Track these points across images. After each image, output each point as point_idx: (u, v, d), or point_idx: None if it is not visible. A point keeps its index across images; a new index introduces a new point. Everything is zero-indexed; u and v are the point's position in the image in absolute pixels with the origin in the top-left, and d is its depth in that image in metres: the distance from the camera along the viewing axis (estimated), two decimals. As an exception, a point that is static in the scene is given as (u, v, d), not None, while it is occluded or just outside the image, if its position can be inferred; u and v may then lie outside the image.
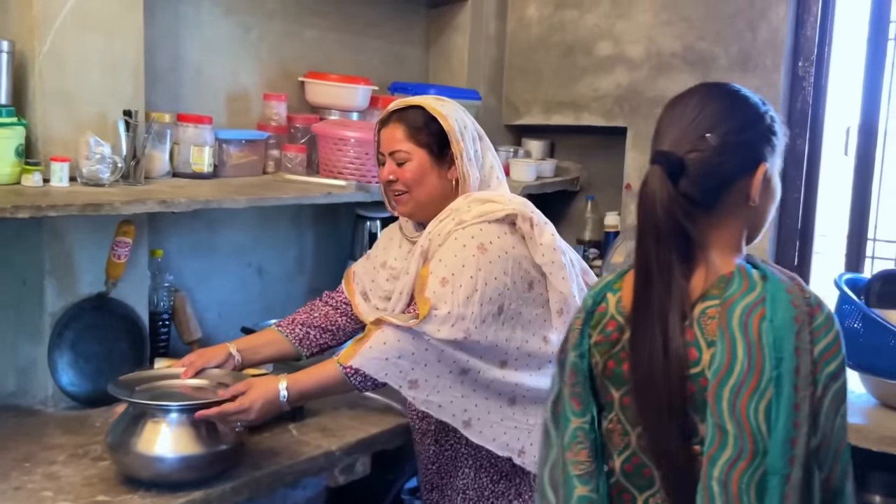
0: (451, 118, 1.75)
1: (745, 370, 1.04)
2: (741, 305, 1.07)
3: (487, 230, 1.66)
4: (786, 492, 1.02)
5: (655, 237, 1.11)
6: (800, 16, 2.68)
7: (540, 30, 3.16)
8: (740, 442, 1.03)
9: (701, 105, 1.17)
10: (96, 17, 1.90)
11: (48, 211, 1.61)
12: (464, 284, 1.60)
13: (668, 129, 1.17)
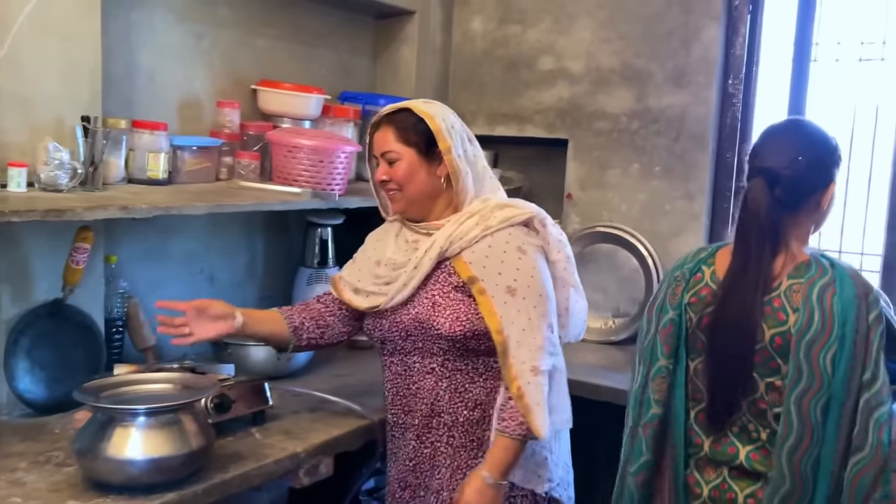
0: (437, 117, 1.82)
1: (819, 329, 1.50)
2: (819, 285, 1.53)
3: (516, 233, 1.77)
4: (843, 413, 1.50)
5: (757, 229, 1.55)
6: (729, 36, 2.86)
7: (484, 44, 3.26)
8: (811, 378, 1.49)
9: (795, 134, 1.61)
10: (54, 23, 1.89)
11: (11, 216, 1.60)
12: (530, 286, 1.73)
13: (767, 152, 1.60)
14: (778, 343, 1.54)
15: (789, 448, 1.51)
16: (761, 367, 1.56)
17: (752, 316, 1.55)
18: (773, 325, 1.54)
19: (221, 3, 2.52)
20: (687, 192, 2.90)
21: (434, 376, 1.79)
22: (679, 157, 2.91)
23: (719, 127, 2.89)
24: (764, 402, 1.57)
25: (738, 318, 1.56)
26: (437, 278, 1.79)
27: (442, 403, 1.79)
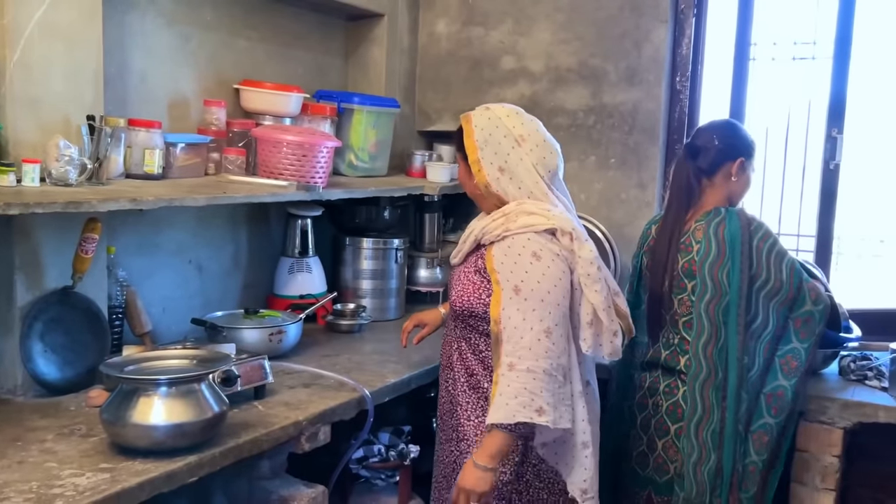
0: (475, 127, 1.97)
1: (716, 254, 2.16)
2: (714, 222, 2.20)
3: (535, 239, 1.89)
4: (739, 311, 2.14)
5: (677, 189, 2.31)
6: (676, 37, 3.10)
7: (449, 45, 3.46)
8: (714, 290, 2.15)
9: (718, 125, 2.39)
10: (61, 28, 2.02)
11: (35, 208, 1.74)
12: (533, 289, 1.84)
13: (696, 136, 2.38)
14: (685, 267, 2.22)
15: (702, 344, 2.15)
16: (675, 288, 2.24)
17: (669, 253, 2.24)
18: (684, 256, 2.22)
19: (207, 7, 2.66)
20: (640, 182, 3.14)
21: (452, 337, 2.10)
22: (632, 149, 3.15)
23: (668, 121, 3.14)
24: (677, 315, 2.25)
25: (658, 257, 2.28)
26: (470, 260, 2.04)
27: (453, 360, 2.08)
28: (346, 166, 3.03)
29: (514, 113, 2.02)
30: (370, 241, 3.11)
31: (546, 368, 1.80)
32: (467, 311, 1.96)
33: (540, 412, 1.78)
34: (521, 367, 1.80)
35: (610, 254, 3.11)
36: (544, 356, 1.81)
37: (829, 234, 2.94)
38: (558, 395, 1.82)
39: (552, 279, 1.85)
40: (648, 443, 2.29)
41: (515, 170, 1.95)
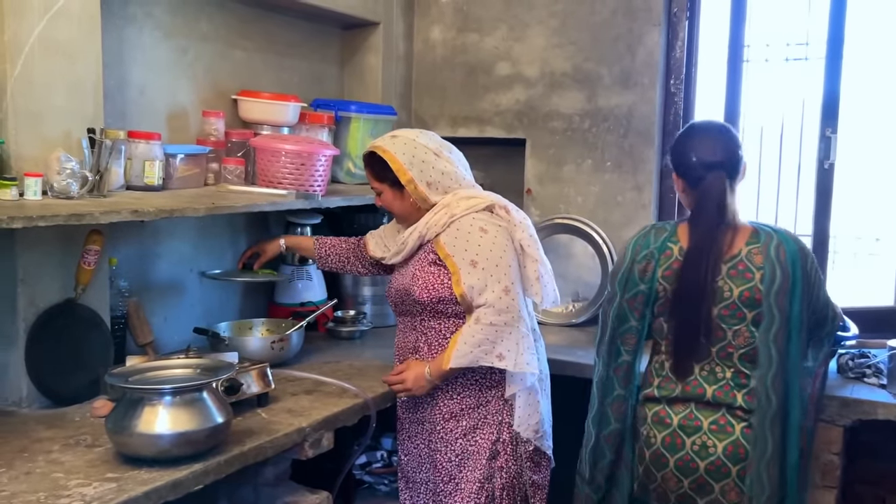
0: (397, 154, 2.17)
1: (782, 279, 1.94)
2: (772, 245, 1.97)
3: (479, 216, 2.14)
4: (801, 340, 1.98)
5: (715, 210, 1.97)
6: (670, 41, 3.13)
7: (444, 51, 3.48)
8: (780, 320, 1.94)
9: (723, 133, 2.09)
10: (60, 43, 2.04)
11: (38, 221, 1.75)
12: (488, 258, 2.08)
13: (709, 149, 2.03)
14: (746, 296, 1.95)
15: (771, 378, 1.94)
16: (729, 319, 1.96)
17: (715, 280, 1.96)
18: (741, 283, 1.95)
19: (203, 18, 2.68)
20: (636, 184, 3.17)
21: (415, 332, 2.21)
22: (628, 152, 3.17)
23: (663, 123, 3.16)
24: (732, 347, 1.98)
25: (701, 283, 1.96)
26: (418, 257, 2.20)
27: (421, 354, 2.19)
28: (343, 174, 3.05)
29: (419, 133, 2.25)
30: (370, 248, 3.12)
31: (507, 321, 2.06)
32: (436, 298, 2.13)
33: (500, 358, 2.06)
34: (485, 321, 2.05)
35: (608, 256, 3.13)
36: (506, 311, 2.06)
37: (826, 233, 2.96)
38: (522, 344, 2.08)
39: (501, 246, 2.11)
40: (698, 487, 1.99)
41: (442, 179, 2.19)
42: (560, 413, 2.38)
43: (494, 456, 2.13)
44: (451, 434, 2.15)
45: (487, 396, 2.14)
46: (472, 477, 2.11)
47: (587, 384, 2.63)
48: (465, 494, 2.12)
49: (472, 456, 2.13)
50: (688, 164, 2.03)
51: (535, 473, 2.17)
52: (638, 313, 2.04)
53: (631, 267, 2.04)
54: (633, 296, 2.03)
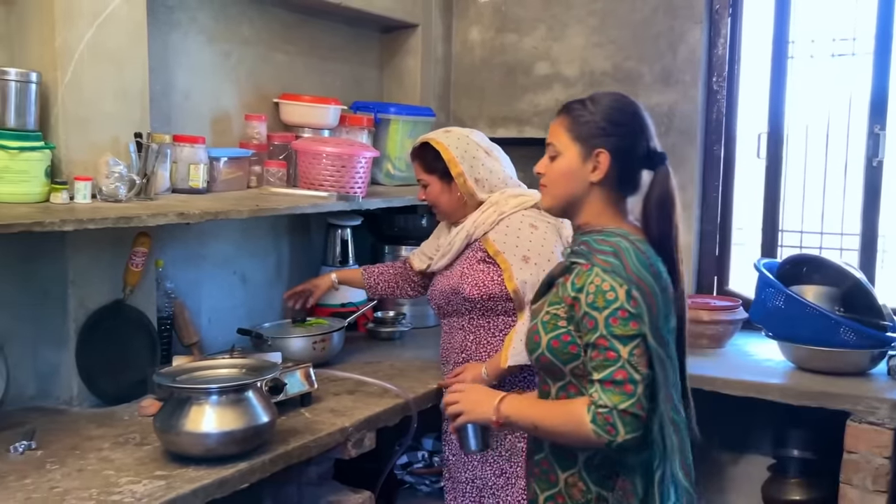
0: (450, 147, 2.21)
1: None
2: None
3: (529, 214, 2.18)
4: None
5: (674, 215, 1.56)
6: (712, 38, 3.09)
7: (483, 52, 3.48)
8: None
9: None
10: (108, 49, 2.09)
11: (88, 224, 1.79)
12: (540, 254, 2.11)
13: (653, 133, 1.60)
14: None
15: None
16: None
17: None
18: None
19: (245, 23, 2.72)
20: (678, 184, 3.05)
21: (464, 332, 2.23)
22: (669, 151, 3.05)
23: (706, 122, 3.12)
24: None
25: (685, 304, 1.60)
26: (466, 255, 2.23)
27: (469, 354, 2.22)
28: (383, 175, 3.07)
29: (471, 132, 2.30)
30: (408, 249, 3.13)
31: None
32: (486, 295, 2.15)
33: None
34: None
35: (649, 256, 3.09)
36: None
37: (874, 233, 2.89)
38: None
39: (552, 242, 2.13)
40: None
41: (490, 177, 2.23)
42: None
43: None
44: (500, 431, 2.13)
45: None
46: (524, 472, 2.08)
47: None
48: (516, 489, 2.12)
49: (523, 451, 2.10)
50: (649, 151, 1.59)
51: None
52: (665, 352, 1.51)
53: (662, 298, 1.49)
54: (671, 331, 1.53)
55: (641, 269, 1.47)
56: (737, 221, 3.17)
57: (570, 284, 1.50)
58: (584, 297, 1.46)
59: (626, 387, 1.42)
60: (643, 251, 1.50)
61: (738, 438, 3.01)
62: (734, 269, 3.18)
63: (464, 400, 1.63)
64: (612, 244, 1.49)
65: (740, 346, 2.86)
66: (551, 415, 1.52)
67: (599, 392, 1.43)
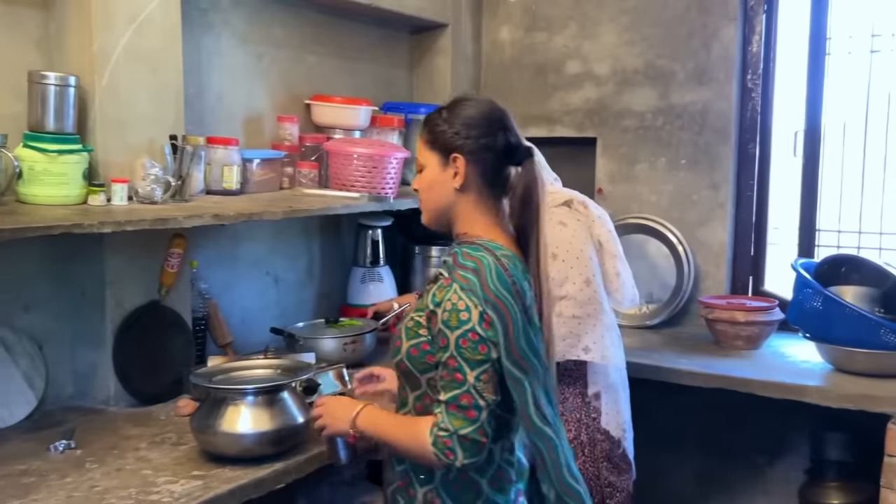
0: None
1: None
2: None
3: (557, 212, 2.14)
4: None
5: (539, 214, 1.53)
6: (746, 35, 3.05)
7: (513, 51, 3.47)
8: None
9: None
10: (144, 53, 2.11)
11: (126, 226, 1.81)
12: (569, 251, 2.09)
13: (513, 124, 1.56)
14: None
15: None
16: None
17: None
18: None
19: (277, 26, 2.73)
20: (712, 182, 3.09)
21: None
22: (703, 149, 3.10)
23: (740, 120, 3.08)
24: None
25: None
26: None
27: None
28: (413, 176, 3.06)
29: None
30: (439, 250, 3.14)
31: (591, 313, 2.07)
32: None
33: (586, 350, 2.05)
34: (568, 314, 2.06)
35: (683, 255, 3.06)
36: (588, 302, 2.07)
37: (914, 232, 2.84)
38: (607, 336, 2.08)
39: (581, 239, 2.13)
40: None
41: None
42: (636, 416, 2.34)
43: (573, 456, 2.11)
44: None
45: (566, 393, 2.13)
46: None
47: (663, 386, 2.59)
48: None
49: None
50: (510, 146, 1.54)
51: (613, 475, 2.14)
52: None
53: (526, 319, 1.46)
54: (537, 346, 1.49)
55: (500, 287, 1.42)
56: (772, 221, 3.13)
57: (432, 296, 1.47)
58: (440, 312, 1.43)
59: (470, 412, 1.39)
60: (506, 267, 1.45)
61: (775, 441, 2.97)
62: (770, 270, 3.14)
63: (325, 413, 1.61)
64: (475, 259, 1.45)
65: (776, 347, 2.82)
66: (399, 432, 1.50)
67: (444, 414, 1.40)
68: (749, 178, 3.10)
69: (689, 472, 3.13)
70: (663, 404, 2.80)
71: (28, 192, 1.93)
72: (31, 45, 2.05)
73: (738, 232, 3.12)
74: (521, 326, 1.43)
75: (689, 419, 3.07)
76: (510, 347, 1.41)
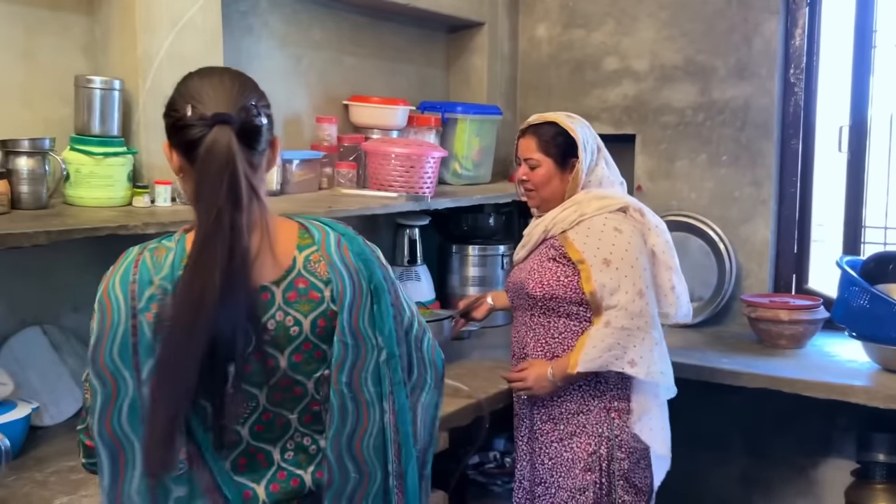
0: (579, 133, 2.10)
1: (355, 291, 1.25)
2: (332, 246, 1.28)
3: (612, 217, 2.06)
4: (403, 365, 1.31)
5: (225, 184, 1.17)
6: (789, 29, 2.99)
7: (550, 48, 3.45)
8: (357, 350, 1.25)
9: (238, 80, 1.33)
10: (186, 56, 2.14)
11: (169, 227, 1.84)
12: (623, 258, 1.99)
13: (207, 97, 1.26)
14: (321, 326, 1.24)
15: (347, 436, 1.25)
16: (305, 365, 1.24)
17: (252, 316, 1.19)
18: (310, 310, 1.24)
19: (316, 27, 2.76)
20: (754, 179, 3.04)
21: (525, 327, 2.16)
22: (745, 145, 3.06)
23: (783, 116, 3.03)
24: (317, 404, 1.27)
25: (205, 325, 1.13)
26: (540, 251, 2.13)
27: (527, 350, 2.15)
28: (450, 175, 3.07)
29: (588, 124, 2.20)
30: (476, 249, 3.14)
31: (641, 326, 1.96)
32: (548, 295, 2.06)
33: (632, 364, 1.95)
34: (616, 325, 1.96)
35: (725, 253, 3.02)
36: (639, 315, 1.96)
37: (965, 228, 2.76)
38: (655, 351, 1.97)
39: (637, 247, 2.02)
40: None
41: (596, 171, 2.13)
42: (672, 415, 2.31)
43: (590, 468, 2.03)
44: (547, 437, 2.09)
45: (590, 405, 2.06)
46: (565, 485, 2.05)
47: (704, 386, 2.56)
48: (555, 501, 2.06)
49: (566, 463, 2.05)
50: (182, 122, 1.27)
51: (629, 494, 2.04)
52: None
53: (133, 324, 1.19)
54: (153, 371, 1.17)
55: (119, 284, 1.21)
56: (816, 217, 3.07)
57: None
58: None
59: (83, 413, 1.29)
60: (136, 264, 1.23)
61: (821, 442, 2.92)
62: (814, 267, 3.08)
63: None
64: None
65: (821, 346, 2.77)
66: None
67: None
68: (792, 174, 3.04)
69: (732, 474, 3.09)
70: (704, 404, 2.76)
71: (75, 194, 1.97)
72: (78, 51, 2.10)
73: (782, 229, 3.07)
74: (121, 333, 1.21)
75: (732, 420, 3.03)
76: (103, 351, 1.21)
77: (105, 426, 1.19)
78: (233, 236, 1.16)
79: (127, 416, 1.19)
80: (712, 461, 3.07)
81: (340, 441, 1.25)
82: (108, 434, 1.19)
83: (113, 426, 1.19)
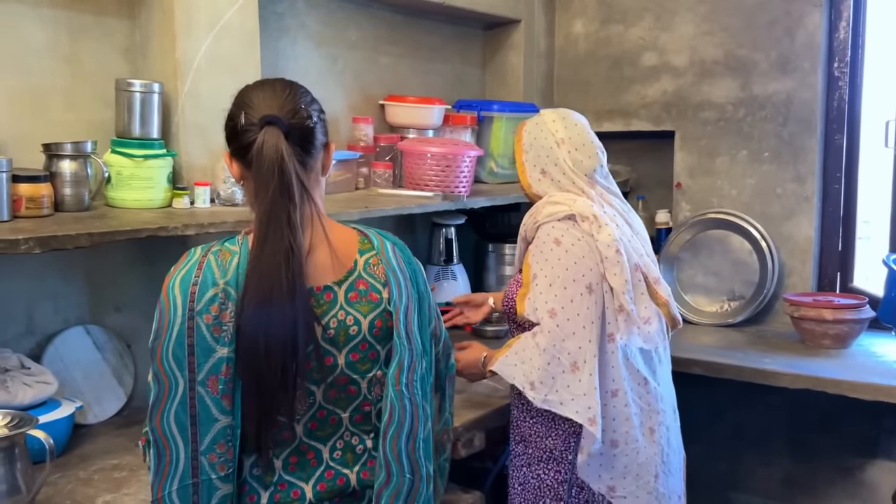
0: (525, 132, 2.06)
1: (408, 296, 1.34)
2: (388, 250, 1.38)
3: (557, 226, 1.91)
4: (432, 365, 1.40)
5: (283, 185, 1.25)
6: (833, 21, 2.92)
7: (587, 45, 3.42)
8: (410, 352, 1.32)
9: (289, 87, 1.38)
10: (224, 59, 2.16)
11: (209, 228, 1.86)
12: (547, 275, 1.88)
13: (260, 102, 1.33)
14: (378, 326, 1.32)
15: (406, 436, 1.30)
16: (360, 364, 1.31)
17: (306, 315, 1.25)
18: (370, 310, 1.31)
19: (352, 28, 2.77)
20: (797, 175, 2.98)
21: (509, 337, 2.06)
22: (787, 141, 2.99)
23: (826, 110, 2.96)
24: (368, 404, 1.33)
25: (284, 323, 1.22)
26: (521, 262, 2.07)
27: None
28: (486, 173, 3.06)
29: (559, 117, 2.05)
30: (512, 247, 3.12)
31: (546, 348, 1.82)
32: (510, 309, 2.02)
33: (532, 386, 1.82)
34: (540, 340, 1.83)
35: (766, 251, 2.97)
36: (547, 335, 1.82)
37: None
38: (559, 380, 1.81)
39: (566, 262, 1.86)
40: None
41: (554, 171, 2.00)
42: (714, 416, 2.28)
43: (559, 498, 1.92)
44: (518, 459, 2.00)
45: (558, 429, 1.92)
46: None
47: (746, 387, 2.52)
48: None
49: (534, 490, 1.95)
50: (236, 129, 1.34)
51: None
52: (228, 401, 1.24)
53: (190, 325, 1.25)
54: (211, 371, 1.23)
55: (179, 284, 1.29)
56: (862, 214, 2.99)
57: None
58: None
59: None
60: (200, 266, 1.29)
61: (867, 444, 2.85)
62: (859, 265, 3.00)
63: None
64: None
65: (866, 346, 2.70)
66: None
67: None
68: (836, 170, 2.97)
69: (775, 476, 3.03)
70: (746, 405, 2.72)
71: (116, 196, 2.01)
72: (119, 54, 2.13)
73: (825, 226, 3.00)
74: (178, 330, 1.30)
75: (774, 421, 2.97)
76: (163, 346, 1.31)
77: (156, 423, 1.25)
78: (291, 231, 1.22)
79: (174, 416, 1.24)
80: (755, 462, 3.02)
81: (399, 441, 1.29)
82: (158, 431, 1.25)
83: (162, 424, 1.25)
